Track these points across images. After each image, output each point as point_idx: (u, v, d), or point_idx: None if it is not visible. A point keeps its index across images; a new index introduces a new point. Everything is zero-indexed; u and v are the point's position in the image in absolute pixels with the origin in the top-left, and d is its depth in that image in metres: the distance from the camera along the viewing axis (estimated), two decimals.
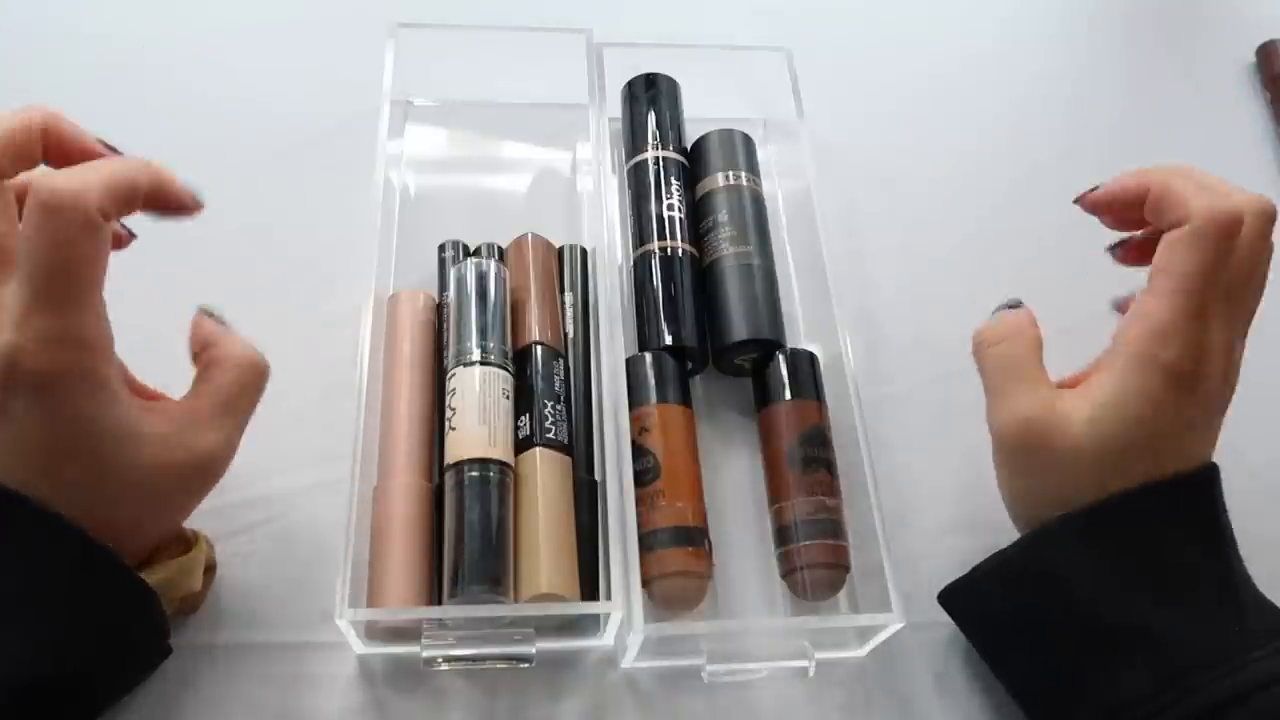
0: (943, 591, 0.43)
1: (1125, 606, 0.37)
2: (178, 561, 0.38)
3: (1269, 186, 0.62)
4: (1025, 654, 0.41)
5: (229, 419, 0.37)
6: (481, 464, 0.41)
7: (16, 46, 0.58)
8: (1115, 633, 0.37)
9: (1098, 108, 0.65)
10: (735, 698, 0.42)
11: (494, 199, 0.56)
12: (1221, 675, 0.35)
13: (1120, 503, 0.38)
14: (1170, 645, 0.36)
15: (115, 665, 0.37)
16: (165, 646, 0.39)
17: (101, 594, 0.35)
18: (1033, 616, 0.40)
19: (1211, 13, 0.70)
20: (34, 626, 0.33)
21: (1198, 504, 0.39)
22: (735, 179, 0.53)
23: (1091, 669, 0.38)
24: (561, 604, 0.40)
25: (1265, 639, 0.37)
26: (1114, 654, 0.37)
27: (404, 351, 0.46)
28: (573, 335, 0.48)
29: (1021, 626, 0.41)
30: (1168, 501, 0.38)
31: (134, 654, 0.38)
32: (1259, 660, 0.36)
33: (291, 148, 0.55)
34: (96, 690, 0.37)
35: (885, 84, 0.63)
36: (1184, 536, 0.38)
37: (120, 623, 0.36)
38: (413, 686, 0.41)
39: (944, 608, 0.43)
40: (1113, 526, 0.38)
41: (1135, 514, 0.38)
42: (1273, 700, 0.35)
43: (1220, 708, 0.35)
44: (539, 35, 0.55)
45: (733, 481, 0.48)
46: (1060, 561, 0.39)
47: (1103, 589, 0.38)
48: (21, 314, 0.31)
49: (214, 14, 0.61)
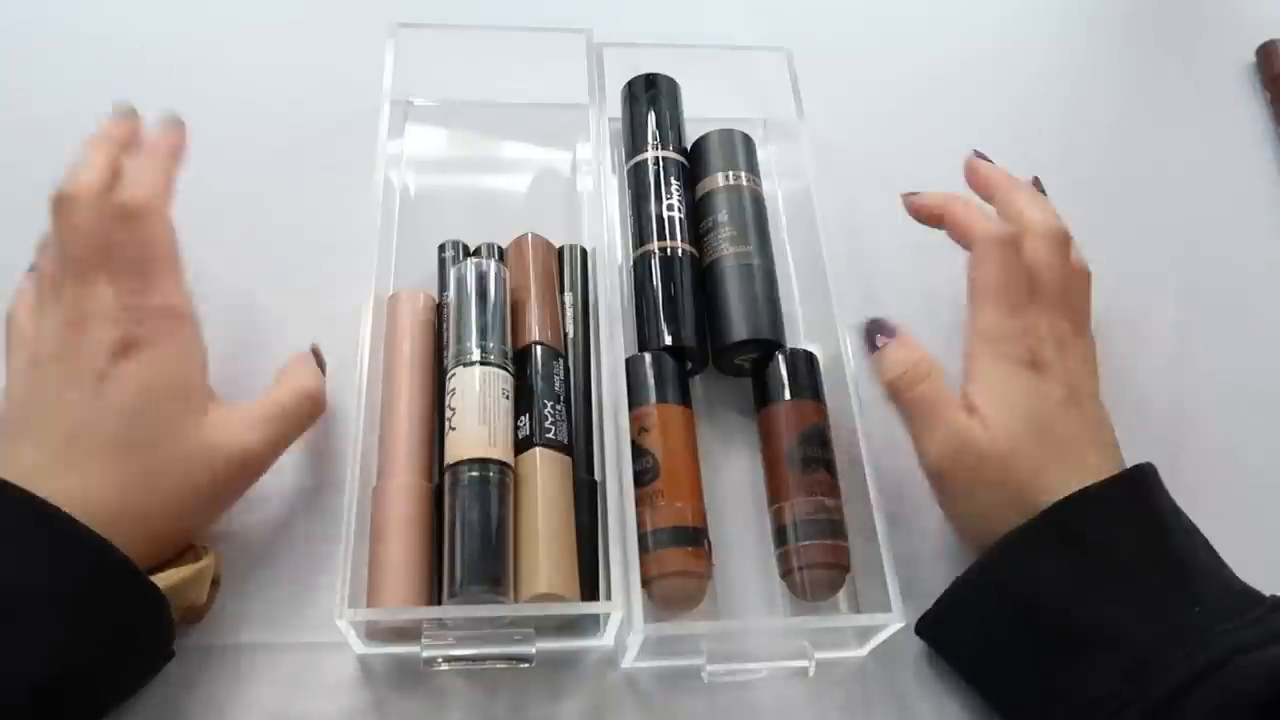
0: (917, 624, 0.43)
1: (1083, 606, 0.38)
2: (188, 569, 0.38)
3: (1269, 186, 0.62)
4: (1001, 669, 0.41)
5: (275, 428, 0.41)
6: (481, 464, 0.42)
7: (16, 46, 0.58)
8: (1079, 633, 0.38)
9: (1098, 108, 0.65)
10: (735, 698, 0.42)
11: (494, 199, 0.56)
12: (1178, 660, 0.36)
13: (1064, 508, 0.39)
14: (1128, 639, 0.37)
15: (120, 668, 0.37)
16: (168, 651, 0.39)
17: (113, 597, 0.35)
18: (1002, 631, 0.41)
19: (1211, 13, 0.70)
20: (46, 627, 0.34)
21: (1138, 500, 0.40)
22: (735, 179, 0.53)
23: (1063, 672, 0.38)
24: (561, 604, 0.40)
25: (1229, 614, 0.37)
26: (1080, 654, 0.38)
27: (404, 351, 0.46)
28: (573, 335, 0.48)
29: (994, 643, 0.41)
30: (1108, 501, 0.40)
31: (139, 657, 0.38)
32: (1223, 634, 0.36)
33: (291, 148, 0.55)
34: (100, 692, 0.37)
35: (885, 84, 0.63)
36: (1131, 533, 0.40)
37: (129, 626, 0.36)
38: (413, 686, 0.41)
39: (923, 639, 0.43)
40: (1061, 531, 0.39)
41: (1081, 517, 0.39)
42: (1233, 672, 0.35)
43: (1182, 691, 0.35)
44: (539, 35, 0.55)
45: (732, 481, 0.48)
46: (1018, 572, 0.40)
47: (1062, 592, 0.39)
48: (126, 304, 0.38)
49: (214, 14, 0.61)
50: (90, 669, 0.35)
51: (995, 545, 0.40)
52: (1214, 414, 0.52)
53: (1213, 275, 0.54)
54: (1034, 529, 0.39)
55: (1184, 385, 0.52)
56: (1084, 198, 0.60)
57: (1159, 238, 0.56)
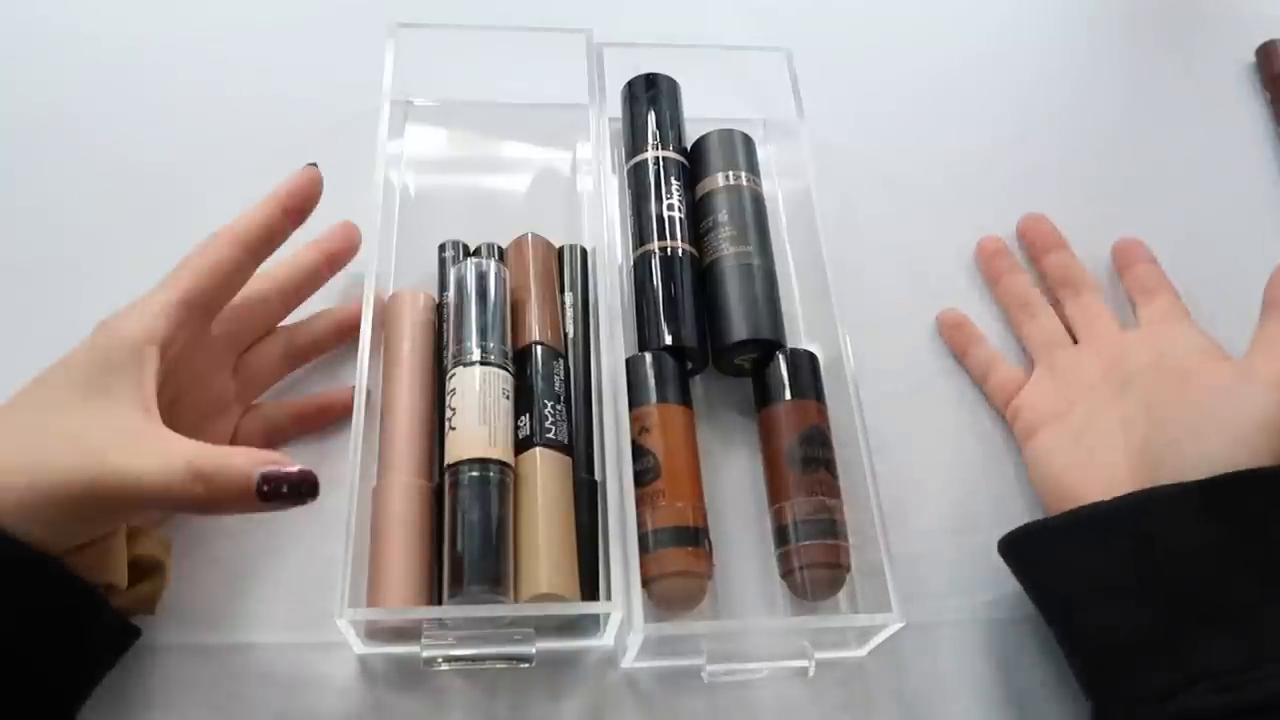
0: (1010, 538, 0.43)
1: (1228, 579, 0.38)
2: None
3: (1269, 186, 0.62)
4: (1107, 607, 0.40)
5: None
6: (481, 464, 0.42)
7: (16, 46, 0.58)
8: (1213, 601, 0.38)
9: (1098, 108, 0.65)
10: (735, 698, 0.42)
11: (494, 199, 0.56)
12: None
13: (1238, 481, 0.39)
14: (1268, 625, 0.37)
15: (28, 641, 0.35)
16: (119, 626, 0.38)
17: None
18: (1128, 571, 0.40)
19: (1211, 12, 0.70)
20: None
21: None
22: (735, 179, 0.53)
23: (1185, 631, 0.38)
24: (562, 604, 0.40)
25: None
26: (1210, 622, 0.38)
27: (404, 351, 0.46)
28: (573, 335, 0.48)
29: (1111, 579, 0.40)
30: (1272, 486, 0.39)
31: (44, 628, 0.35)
32: None
33: (291, 148, 0.55)
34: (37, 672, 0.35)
35: (885, 84, 0.63)
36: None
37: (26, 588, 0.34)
38: (413, 686, 0.41)
39: (1007, 557, 0.43)
40: (1228, 502, 0.39)
41: (1251, 494, 0.39)
42: None
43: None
44: (539, 35, 0.55)
45: (733, 481, 0.48)
46: (1169, 527, 0.39)
47: (1208, 559, 0.39)
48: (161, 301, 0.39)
49: (214, 14, 0.61)
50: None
51: (1153, 491, 0.40)
52: None
53: (1213, 275, 0.54)
54: (1202, 489, 0.39)
55: None
56: (1084, 198, 0.60)
57: (1159, 238, 0.56)
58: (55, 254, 0.51)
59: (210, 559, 0.42)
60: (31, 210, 0.52)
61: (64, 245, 0.51)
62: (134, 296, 0.39)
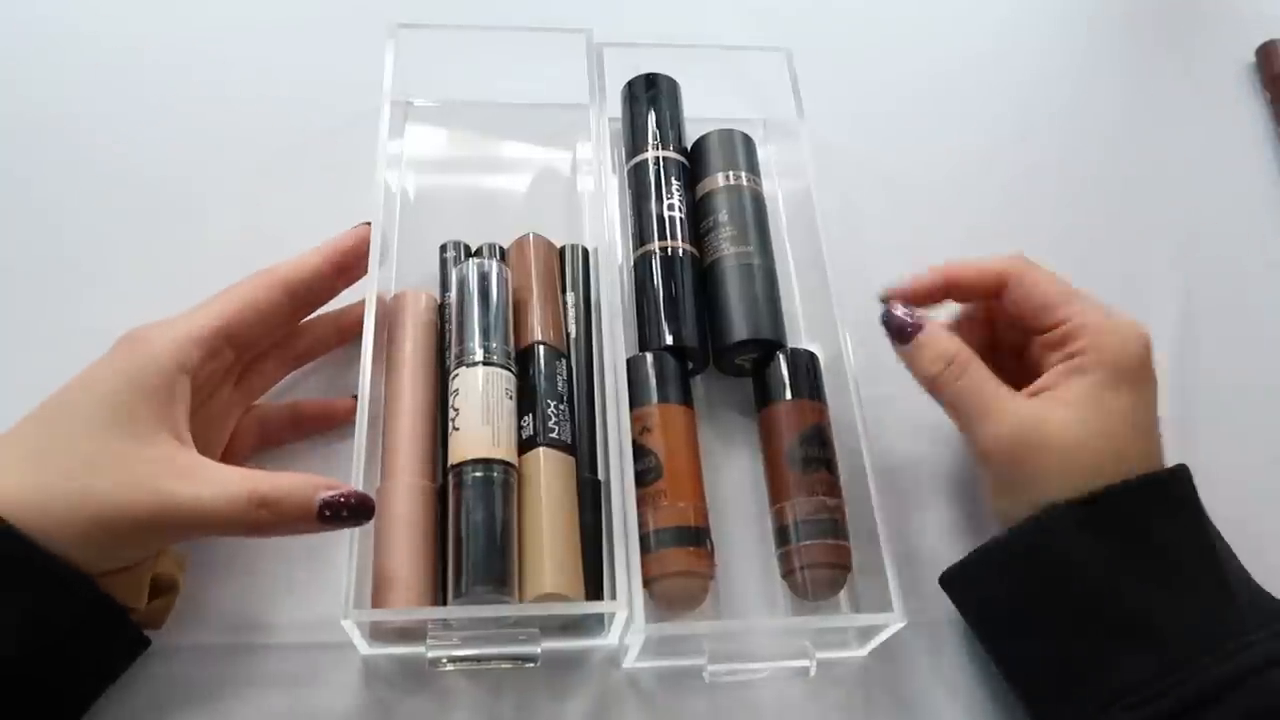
0: (943, 575, 0.43)
1: (1127, 593, 0.38)
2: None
3: (1269, 186, 0.62)
4: (1024, 638, 0.41)
5: None
6: (485, 464, 0.42)
7: (16, 46, 0.58)
8: (1117, 618, 0.38)
9: (1098, 108, 0.65)
10: (736, 697, 0.43)
11: (495, 199, 0.56)
12: (1220, 659, 0.37)
13: (1121, 492, 0.39)
14: (1171, 631, 0.38)
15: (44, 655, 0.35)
16: (130, 635, 0.38)
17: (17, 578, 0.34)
18: (1033, 600, 0.40)
19: (1211, 12, 0.70)
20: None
21: (1186, 498, 0.41)
22: (735, 179, 0.53)
23: (1092, 652, 0.38)
24: (566, 604, 0.40)
25: (1260, 623, 0.38)
26: (1116, 639, 0.38)
27: (406, 352, 0.46)
28: (575, 335, 0.48)
29: (1021, 610, 0.41)
30: (1162, 493, 0.40)
31: (61, 638, 0.36)
32: (1255, 644, 0.37)
33: (291, 148, 0.55)
34: (45, 681, 0.36)
35: (885, 84, 0.63)
36: (1177, 527, 0.40)
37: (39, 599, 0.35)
38: (418, 687, 0.41)
39: (945, 590, 0.43)
40: (1113, 515, 0.39)
41: (1134, 504, 0.39)
42: (1267, 683, 0.36)
43: (1217, 691, 0.36)
44: (539, 35, 0.55)
45: (733, 481, 0.48)
46: (1063, 546, 0.40)
47: (1104, 575, 0.39)
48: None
49: (214, 14, 0.60)
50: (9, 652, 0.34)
51: (1043, 512, 0.40)
52: (1214, 414, 0.52)
53: (1213, 275, 0.54)
54: (1086, 507, 0.39)
55: (1184, 385, 0.52)
56: (1084, 198, 0.60)
57: (1159, 238, 0.56)
58: (55, 254, 0.51)
59: (216, 561, 0.42)
60: (32, 210, 0.52)
61: (64, 245, 0.51)
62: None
